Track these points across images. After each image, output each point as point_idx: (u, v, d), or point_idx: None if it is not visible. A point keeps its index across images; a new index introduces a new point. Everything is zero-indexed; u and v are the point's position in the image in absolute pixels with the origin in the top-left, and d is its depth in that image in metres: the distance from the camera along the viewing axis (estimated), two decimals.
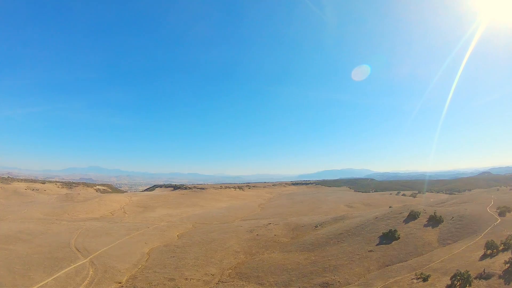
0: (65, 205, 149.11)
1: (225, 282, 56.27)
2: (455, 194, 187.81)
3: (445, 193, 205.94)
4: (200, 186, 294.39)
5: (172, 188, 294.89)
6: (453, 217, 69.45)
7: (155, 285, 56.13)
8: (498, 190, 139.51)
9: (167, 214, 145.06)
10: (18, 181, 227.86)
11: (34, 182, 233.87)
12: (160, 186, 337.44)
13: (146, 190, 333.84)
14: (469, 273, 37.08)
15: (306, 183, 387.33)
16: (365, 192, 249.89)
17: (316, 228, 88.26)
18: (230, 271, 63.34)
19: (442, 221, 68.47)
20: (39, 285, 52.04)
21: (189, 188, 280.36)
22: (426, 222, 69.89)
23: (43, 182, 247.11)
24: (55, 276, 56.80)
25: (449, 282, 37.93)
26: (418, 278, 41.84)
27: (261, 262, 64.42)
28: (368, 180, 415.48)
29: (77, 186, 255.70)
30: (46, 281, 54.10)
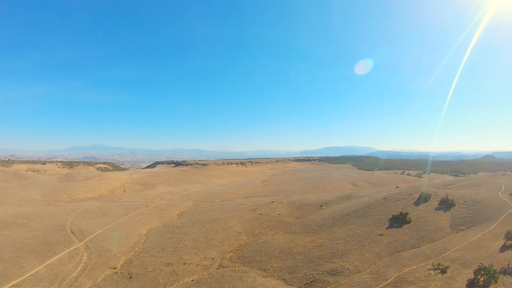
0: (64, 186, 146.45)
1: (226, 267, 52.81)
2: (460, 177, 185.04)
3: (450, 175, 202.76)
4: (202, 162, 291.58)
5: (174, 165, 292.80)
6: (465, 201, 66.11)
7: (151, 271, 52.89)
8: (504, 175, 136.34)
9: (167, 192, 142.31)
10: (19, 163, 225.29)
11: (35, 163, 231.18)
12: (162, 162, 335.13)
13: (147, 167, 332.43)
14: (494, 268, 33.21)
15: (309, 160, 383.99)
16: (369, 170, 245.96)
17: (322, 208, 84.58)
18: (231, 254, 60.08)
19: (454, 205, 65.23)
20: (29, 274, 48.74)
21: (191, 164, 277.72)
22: (438, 206, 66.68)
23: (44, 163, 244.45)
24: (47, 263, 53.51)
25: (472, 276, 34.43)
26: (436, 269, 38.42)
27: (265, 245, 60.86)
28: (372, 158, 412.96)
29: (78, 166, 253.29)
30: (37, 269, 50.80)
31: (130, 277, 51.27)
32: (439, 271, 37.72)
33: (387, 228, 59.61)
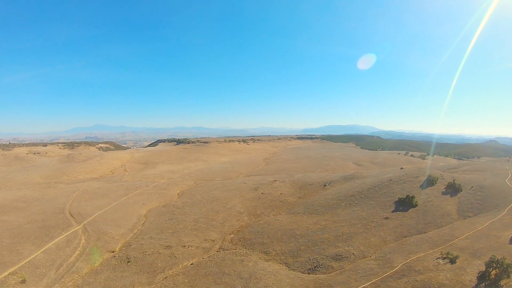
0: (65, 167, 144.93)
1: (227, 250, 51.15)
2: (464, 160, 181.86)
3: (454, 158, 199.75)
4: (203, 140, 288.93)
5: (175, 143, 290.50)
6: (472, 187, 64.02)
7: (149, 255, 51.32)
8: (508, 161, 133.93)
9: (168, 171, 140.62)
10: (20, 147, 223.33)
11: (36, 146, 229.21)
12: (164, 141, 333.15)
13: (149, 145, 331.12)
14: (507, 261, 31.20)
15: (311, 138, 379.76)
16: (372, 150, 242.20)
17: (325, 188, 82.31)
18: (232, 236, 58.35)
19: (461, 190, 63.36)
20: (26, 260, 47.20)
21: (192, 142, 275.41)
22: (444, 190, 64.76)
23: (45, 145, 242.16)
24: (45, 248, 52.00)
25: (483, 269, 32.70)
26: (445, 258, 36.67)
27: (267, 226, 58.93)
28: (375, 137, 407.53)
29: (79, 146, 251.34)
30: (35, 254, 49.29)
31: (128, 261, 49.86)
32: (448, 261, 36.10)
33: (392, 211, 57.77)
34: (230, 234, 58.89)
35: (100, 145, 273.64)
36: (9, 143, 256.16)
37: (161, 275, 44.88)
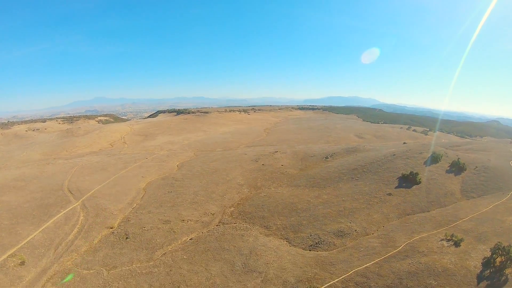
0: (64, 142, 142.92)
1: (226, 224, 49.89)
2: (466, 139, 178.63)
3: (456, 135, 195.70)
4: (204, 110, 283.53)
5: (175, 113, 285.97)
6: (476, 167, 62.08)
7: (148, 230, 50.33)
8: (511, 143, 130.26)
9: (168, 142, 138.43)
10: (19, 124, 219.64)
11: (35, 122, 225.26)
12: (164, 111, 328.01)
13: (149, 116, 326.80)
14: None
15: (312, 108, 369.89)
16: (375, 123, 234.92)
17: (327, 160, 79.97)
18: (232, 209, 56.89)
19: (465, 170, 61.64)
20: (25, 241, 46.23)
21: (193, 112, 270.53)
22: (448, 168, 62.89)
23: (44, 121, 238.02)
24: (43, 227, 50.96)
25: (487, 254, 31.78)
26: (449, 240, 35.80)
27: (267, 199, 57.30)
28: (377, 110, 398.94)
29: (78, 120, 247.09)
30: (34, 234, 48.29)
31: (127, 238, 49.00)
32: (453, 243, 35.25)
33: (396, 188, 56.29)
34: (230, 207, 57.52)
35: (99, 118, 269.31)
36: (8, 121, 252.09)
37: (160, 251, 43.97)
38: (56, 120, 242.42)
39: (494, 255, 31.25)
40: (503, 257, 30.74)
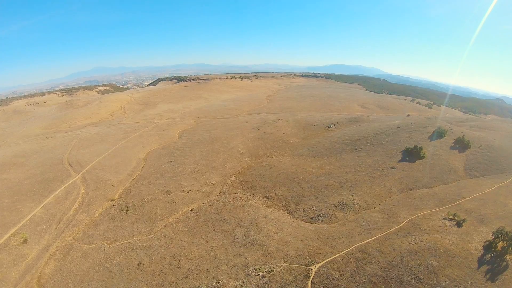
0: (63, 115, 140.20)
1: (227, 194, 48.41)
2: (470, 115, 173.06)
3: (460, 111, 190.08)
4: (204, 77, 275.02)
5: (176, 81, 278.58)
6: (481, 145, 60.39)
7: (148, 201, 49.23)
8: None
9: (168, 110, 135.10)
10: (18, 99, 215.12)
11: (34, 97, 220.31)
12: (164, 79, 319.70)
13: (149, 85, 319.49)
14: None
15: (315, 76, 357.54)
16: (378, 93, 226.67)
17: (329, 129, 77.24)
18: (233, 178, 55.29)
19: (470, 147, 60.10)
20: (27, 218, 45.41)
21: (193, 79, 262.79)
22: (453, 144, 61.27)
23: (43, 95, 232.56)
24: (44, 203, 50.00)
25: (489, 238, 31.26)
26: (451, 220, 35.01)
27: (269, 168, 55.44)
28: (380, 80, 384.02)
29: (78, 91, 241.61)
30: (35, 211, 47.43)
31: (127, 210, 48.08)
32: (455, 223, 34.58)
33: (399, 161, 54.92)
34: (231, 177, 55.85)
35: (99, 88, 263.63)
36: (7, 97, 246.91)
37: (161, 223, 43.15)
38: (55, 93, 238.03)
39: (496, 240, 30.62)
40: (505, 242, 30.08)
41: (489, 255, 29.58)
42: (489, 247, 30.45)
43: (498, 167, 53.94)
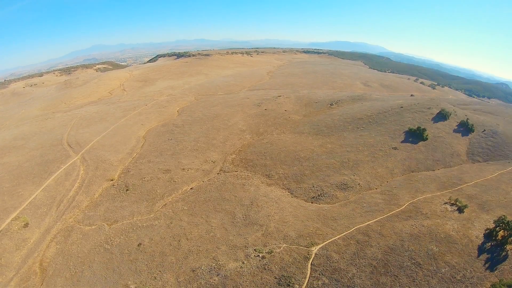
0: (62, 94, 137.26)
1: (227, 172, 46.89)
2: (474, 98, 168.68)
3: (464, 93, 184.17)
4: (205, 53, 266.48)
5: (176, 57, 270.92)
6: (484, 130, 58.84)
7: (148, 181, 48.04)
8: None
9: (168, 87, 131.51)
10: (16, 81, 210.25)
11: (32, 78, 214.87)
12: (164, 55, 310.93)
13: (149, 61, 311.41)
14: None
15: (318, 52, 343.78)
16: (381, 71, 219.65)
17: (332, 107, 74.35)
18: (233, 156, 53.62)
19: (473, 131, 58.75)
20: (27, 202, 44.47)
21: (193, 55, 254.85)
22: (456, 127, 59.73)
23: (41, 75, 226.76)
24: (44, 185, 48.96)
25: (490, 226, 30.45)
26: (453, 205, 34.18)
27: (270, 146, 53.53)
28: (384, 58, 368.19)
29: (76, 70, 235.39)
30: (35, 194, 46.46)
31: (127, 190, 46.99)
32: (456, 209, 33.69)
33: (402, 142, 53.47)
34: (231, 154, 54.13)
35: (97, 66, 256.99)
36: (5, 80, 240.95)
37: (160, 203, 42.11)
38: (54, 73, 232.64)
39: (497, 228, 29.83)
40: (506, 231, 29.31)
41: (489, 243, 28.96)
42: (489, 235, 29.81)
43: (501, 154, 52.74)
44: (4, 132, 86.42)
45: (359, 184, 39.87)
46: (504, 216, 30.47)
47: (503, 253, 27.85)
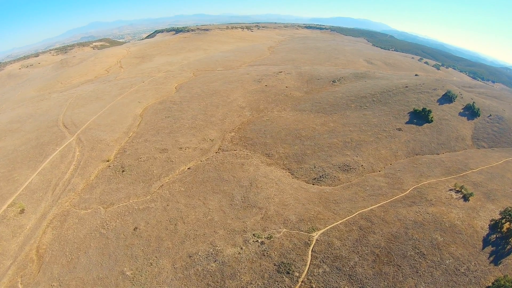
0: (58, 74, 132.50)
1: (226, 151, 44.25)
2: (479, 81, 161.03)
3: (468, 76, 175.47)
4: (204, 28, 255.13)
5: (174, 32, 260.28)
6: (490, 115, 55.99)
7: (144, 161, 45.75)
8: None
9: (166, 63, 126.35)
10: (11, 63, 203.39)
11: (28, 58, 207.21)
12: (162, 31, 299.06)
13: (147, 37, 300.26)
14: None
15: (320, 28, 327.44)
16: (385, 49, 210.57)
17: (334, 84, 69.99)
18: (232, 134, 50.72)
19: (479, 115, 56.11)
20: (23, 187, 42.55)
21: (192, 30, 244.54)
22: (462, 111, 56.78)
23: (37, 55, 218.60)
24: (40, 169, 46.84)
25: (496, 217, 28.74)
26: (458, 192, 32.26)
27: (270, 124, 50.47)
28: (387, 36, 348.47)
29: (72, 49, 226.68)
30: (31, 179, 44.45)
31: (123, 171, 44.83)
32: (461, 196, 31.70)
33: (406, 123, 50.70)
34: (230, 132, 51.18)
35: (94, 44, 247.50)
36: (0, 62, 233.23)
37: (157, 184, 39.95)
38: (50, 53, 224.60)
39: (503, 220, 28.12)
40: (511, 223, 27.75)
41: (495, 235, 27.23)
42: (495, 226, 28.06)
43: (506, 140, 50.32)
44: (0, 116, 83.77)
45: (362, 165, 37.62)
46: (510, 207, 28.81)
47: (508, 247, 26.38)
